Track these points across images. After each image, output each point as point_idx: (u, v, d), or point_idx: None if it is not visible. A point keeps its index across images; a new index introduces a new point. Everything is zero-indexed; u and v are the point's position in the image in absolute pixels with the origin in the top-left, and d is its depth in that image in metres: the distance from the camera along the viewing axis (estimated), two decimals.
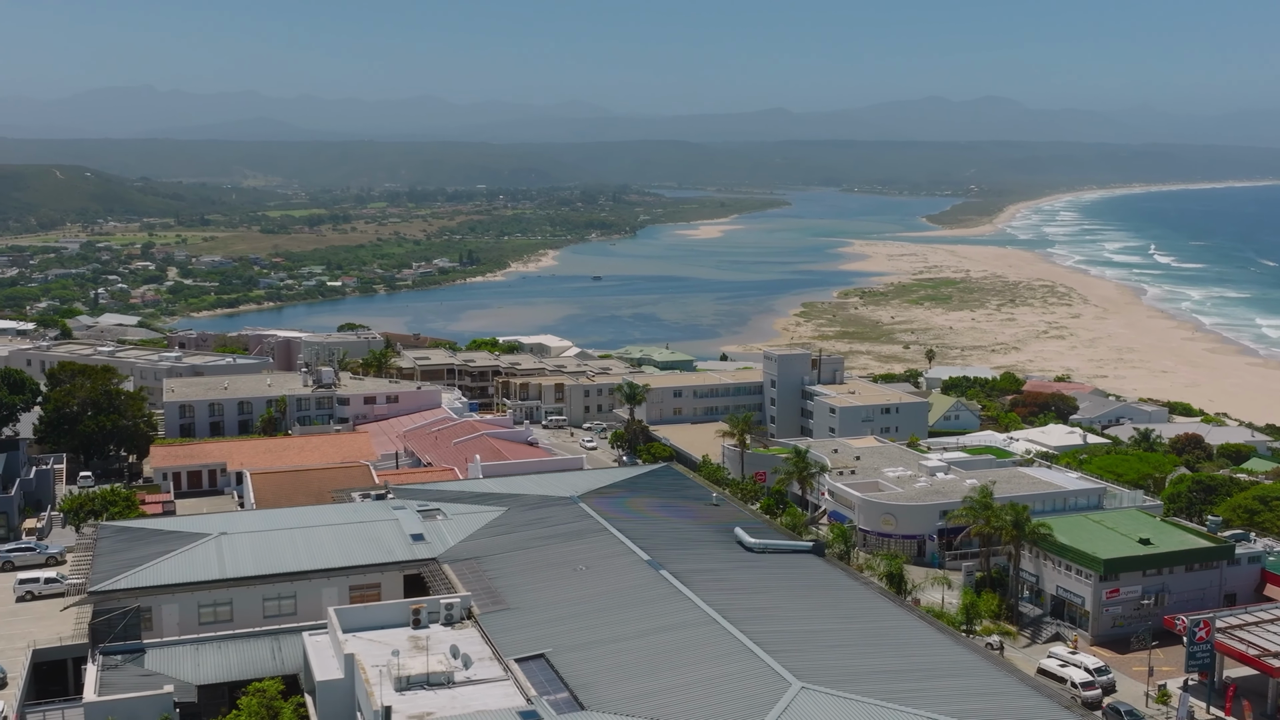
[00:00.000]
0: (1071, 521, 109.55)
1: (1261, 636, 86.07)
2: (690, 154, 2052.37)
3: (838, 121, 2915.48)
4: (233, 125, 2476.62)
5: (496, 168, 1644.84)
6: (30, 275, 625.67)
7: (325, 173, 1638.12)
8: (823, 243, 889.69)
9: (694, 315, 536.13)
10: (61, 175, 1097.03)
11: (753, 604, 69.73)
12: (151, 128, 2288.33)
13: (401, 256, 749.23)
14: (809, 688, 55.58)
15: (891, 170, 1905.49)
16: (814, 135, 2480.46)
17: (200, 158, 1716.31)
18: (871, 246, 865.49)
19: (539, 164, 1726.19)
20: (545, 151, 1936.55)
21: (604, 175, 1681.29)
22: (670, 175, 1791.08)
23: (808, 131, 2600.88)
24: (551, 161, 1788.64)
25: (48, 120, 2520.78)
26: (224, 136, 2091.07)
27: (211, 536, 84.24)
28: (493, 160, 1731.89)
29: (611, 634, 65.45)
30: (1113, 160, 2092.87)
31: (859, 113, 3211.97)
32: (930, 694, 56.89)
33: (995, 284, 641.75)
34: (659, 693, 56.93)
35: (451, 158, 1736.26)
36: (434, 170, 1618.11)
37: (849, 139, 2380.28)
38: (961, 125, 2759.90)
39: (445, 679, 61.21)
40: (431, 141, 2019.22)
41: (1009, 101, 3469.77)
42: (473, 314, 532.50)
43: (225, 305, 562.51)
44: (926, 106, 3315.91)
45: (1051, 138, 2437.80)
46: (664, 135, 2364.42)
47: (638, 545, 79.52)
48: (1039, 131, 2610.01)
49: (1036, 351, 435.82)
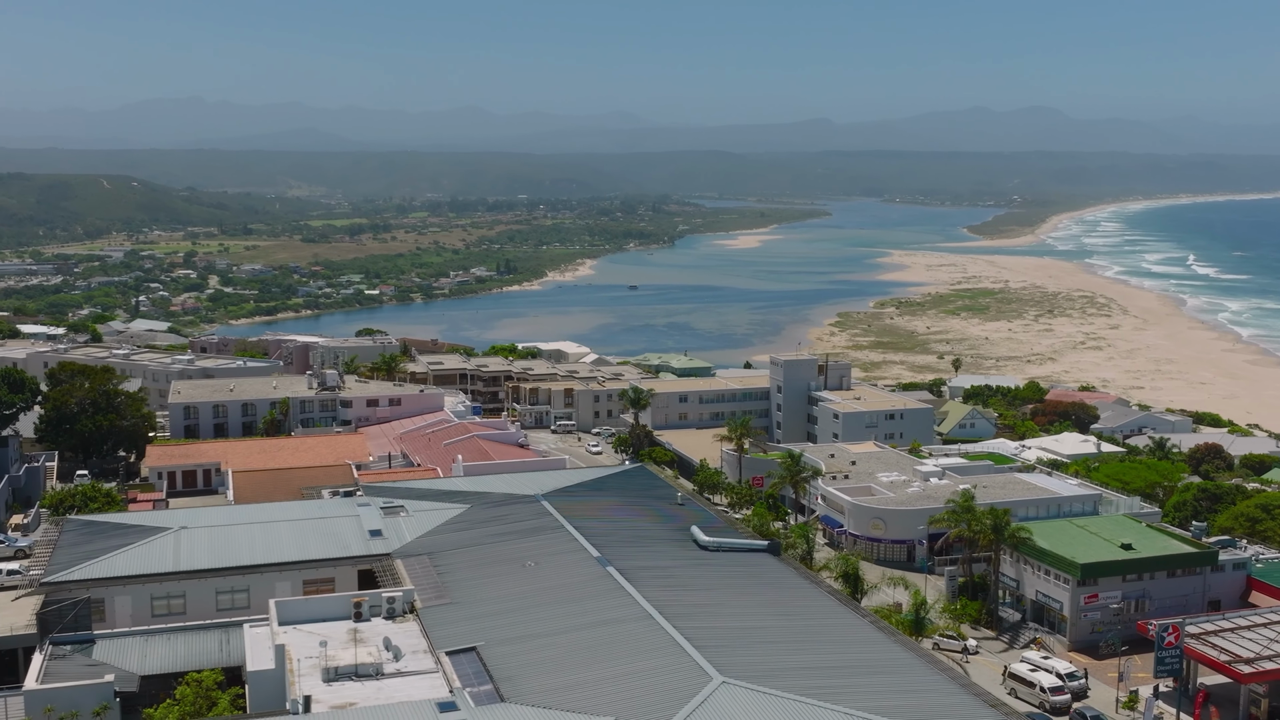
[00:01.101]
0: (1055, 526, 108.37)
1: (1234, 642, 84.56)
2: (731, 164, 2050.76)
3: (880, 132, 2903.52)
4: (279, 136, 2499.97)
5: (538, 178, 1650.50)
6: (74, 283, 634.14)
7: (368, 183, 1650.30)
8: (861, 253, 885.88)
9: (728, 325, 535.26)
10: (109, 185, 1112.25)
11: (693, 600, 69.79)
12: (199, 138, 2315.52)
13: (440, 265, 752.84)
14: (729, 682, 55.61)
15: (934, 181, 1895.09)
16: (856, 146, 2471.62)
17: (246, 168, 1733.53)
18: (910, 257, 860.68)
19: (580, 174, 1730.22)
20: (586, 162, 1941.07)
21: (645, 185, 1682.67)
22: (711, 186, 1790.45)
23: (850, 142, 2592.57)
24: (592, 172, 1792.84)
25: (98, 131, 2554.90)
26: (270, 147, 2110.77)
27: (171, 531, 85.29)
28: (534, 170, 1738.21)
29: (546, 628, 65.75)
30: (1159, 170, 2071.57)
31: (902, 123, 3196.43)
32: (853, 690, 56.73)
33: (1034, 294, 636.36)
34: (580, 686, 57.15)
35: (493, 168, 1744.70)
36: (475, 180, 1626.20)
37: (892, 149, 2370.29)
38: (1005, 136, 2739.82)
39: (374, 670, 61.77)
40: (474, 152, 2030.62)
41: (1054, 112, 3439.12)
42: (507, 322, 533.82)
43: (264, 313, 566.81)
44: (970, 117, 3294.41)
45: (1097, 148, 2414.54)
46: (706, 146, 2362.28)
47: (590, 542, 79.80)
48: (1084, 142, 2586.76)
49: (1073, 362, 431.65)
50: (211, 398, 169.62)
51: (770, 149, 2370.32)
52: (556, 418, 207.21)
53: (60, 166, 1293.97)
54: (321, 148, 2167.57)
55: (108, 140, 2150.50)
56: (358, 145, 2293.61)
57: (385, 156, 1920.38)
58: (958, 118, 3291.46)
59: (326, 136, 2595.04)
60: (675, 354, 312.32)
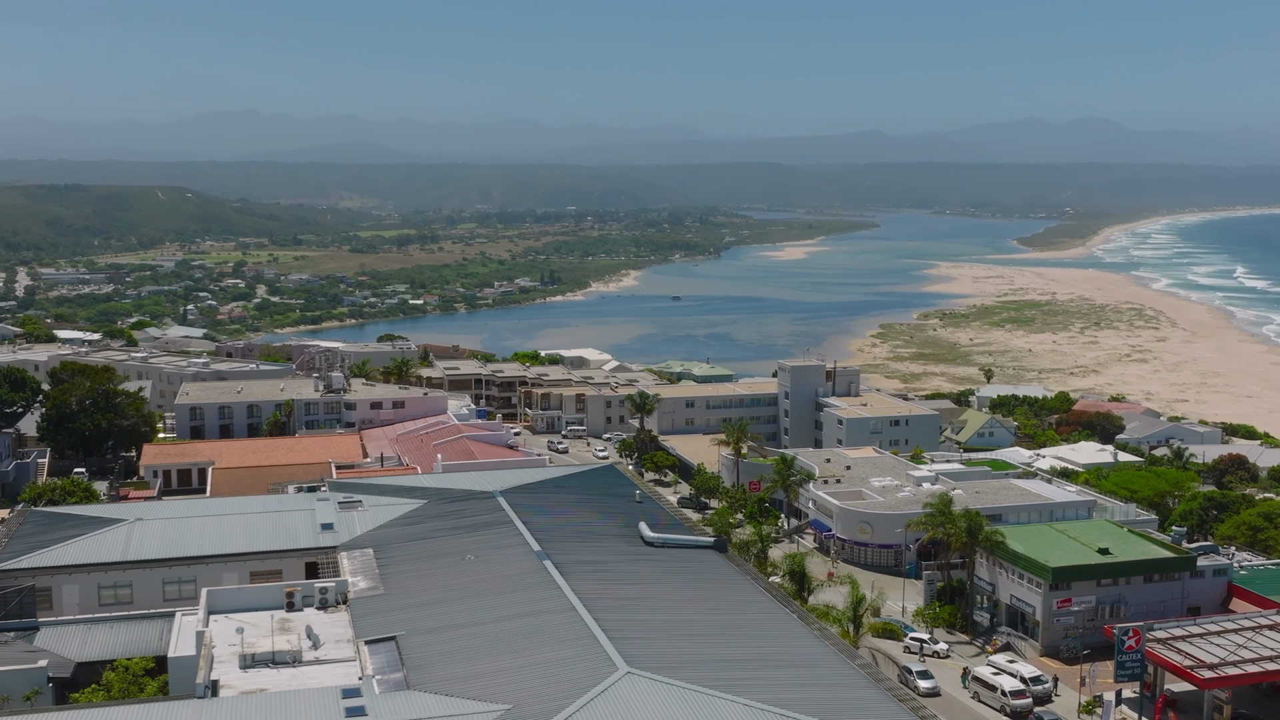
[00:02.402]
0: (1033, 530, 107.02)
1: (1201, 648, 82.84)
2: (781, 176, 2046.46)
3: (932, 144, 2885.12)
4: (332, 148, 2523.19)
5: (587, 189, 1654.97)
6: (124, 292, 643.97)
7: (419, 194, 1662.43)
8: (908, 265, 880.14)
9: (769, 335, 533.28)
10: (163, 196, 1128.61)
11: (621, 594, 69.94)
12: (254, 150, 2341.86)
13: (485, 276, 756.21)
14: (634, 673, 55.61)
15: (985, 193, 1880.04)
16: (908, 158, 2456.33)
17: (299, 179, 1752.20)
18: (957, 269, 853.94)
19: (629, 186, 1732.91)
20: (636, 173, 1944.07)
21: (693, 197, 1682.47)
22: (760, 197, 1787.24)
23: (901, 154, 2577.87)
24: (641, 183, 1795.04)
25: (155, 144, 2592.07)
26: (323, 159, 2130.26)
27: (126, 522, 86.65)
28: (583, 182, 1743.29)
29: (469, 619, 66.09)
30: (1216, 183, 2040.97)
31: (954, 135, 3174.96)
32: (760, 683, 56.56)
33: (1081, 306, 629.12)
34: (487, 675, 57.43)
35: (542, 180, 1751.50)
36: (525, 192, 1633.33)
37: (943, 161, 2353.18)
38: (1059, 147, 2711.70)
39: (291, 658, 62.45)
40: (524, 164, 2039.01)
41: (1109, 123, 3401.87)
42: (549, 332, 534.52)
43: (309, 322, 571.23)
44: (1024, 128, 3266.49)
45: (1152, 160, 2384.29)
46: (756, 157, 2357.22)
47: (535, 537, 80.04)
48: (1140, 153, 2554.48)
49: (1116, 375, 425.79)
50: (218, 399, 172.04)
51: (821, 161, 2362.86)
52: (568, 423, 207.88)
53: (117, 178, 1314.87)
54: (374, 159, 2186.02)
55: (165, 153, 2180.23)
56: (410, 157, 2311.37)
57: (437, 168, 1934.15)
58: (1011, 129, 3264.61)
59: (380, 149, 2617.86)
60: (697, 362, 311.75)
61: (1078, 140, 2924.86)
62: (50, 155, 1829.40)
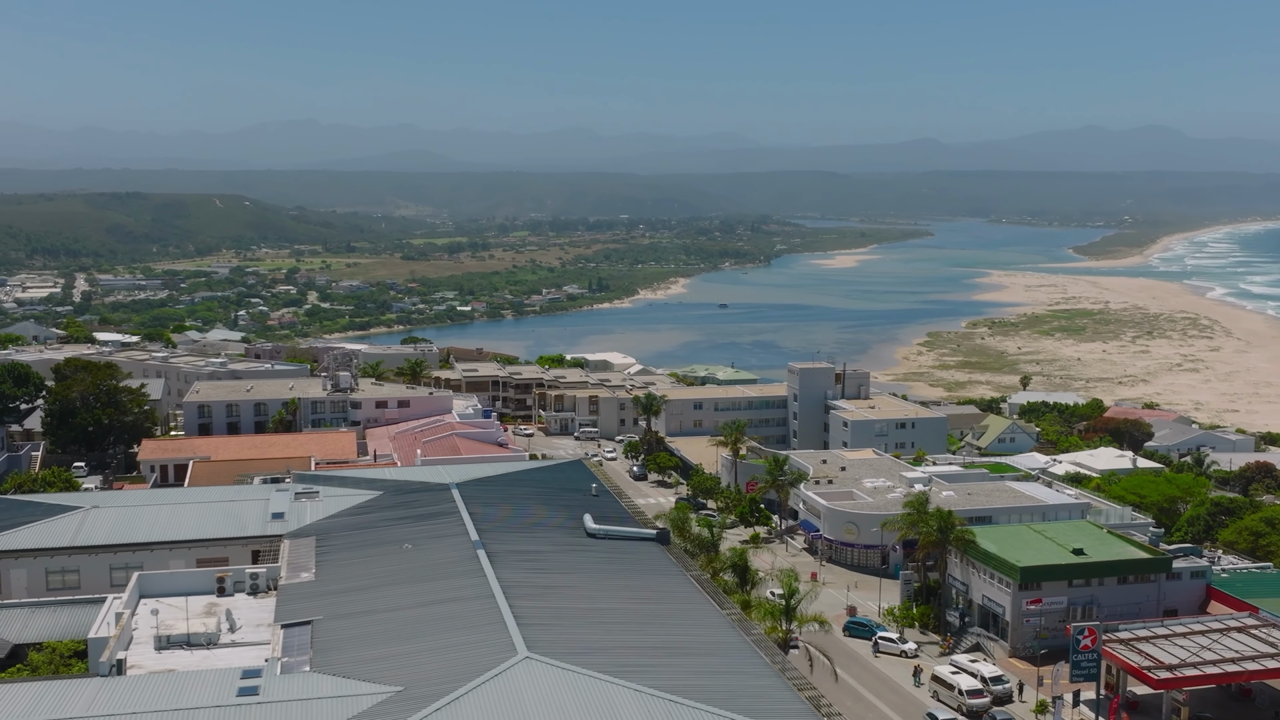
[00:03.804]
0: (1009, 530, 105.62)
1: (1163, 649, 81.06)
2: (836, 184, 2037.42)
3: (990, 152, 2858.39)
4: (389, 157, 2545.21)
5: (640, 198, 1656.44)
6: (178, 297, 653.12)
7: (474, 203, 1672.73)
8: (960, 273, 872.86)
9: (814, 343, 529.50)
10: (221, 204, 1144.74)
11: (545, 582, 70.08)
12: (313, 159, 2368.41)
13: (534, 283, 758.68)
14: (533, 658, 55.83)
15: (1043, 201, 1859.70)
16: (964, 166, 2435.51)
17: (356, 188, 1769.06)
18: (1010, 277, 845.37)
19: (682, 194, 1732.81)
20: (689, 182, 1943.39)
21: (746, 205, 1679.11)
22: (814, 206, 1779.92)
23: (958, 162, 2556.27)
24: (695, 192, 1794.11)
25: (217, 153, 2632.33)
26: (380, 168, 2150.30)
27: (81, 509, 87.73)
28: (636, 190, 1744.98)
29: (388, 605, 66.54)
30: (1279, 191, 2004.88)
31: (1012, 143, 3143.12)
32: (659, 669, 56.50)
33: (1134, 316, 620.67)
34: (390, 658, 57.86)
35: (596, 188, 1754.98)
36: (578, 200, 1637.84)
37: (1000, 169, 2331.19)
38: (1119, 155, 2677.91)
39: (207, 640, 63.58)
40: (578, 172, 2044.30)
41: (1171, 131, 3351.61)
42: (594, 338, 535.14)
43: (357, 327, 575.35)
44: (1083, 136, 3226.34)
45: (1214, 168, 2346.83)
46: (811, 166, 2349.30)
47: (476, 527, 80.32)
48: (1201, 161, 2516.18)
49: (1166, 384, 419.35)
50: (227, 397, 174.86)
51: (876, 169, 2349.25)
52: (581, 424, 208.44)
53: (178, 187, 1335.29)
54: (431, 168, 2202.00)
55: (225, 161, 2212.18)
56: (466, 166, 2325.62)
57: (492, 177, 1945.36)
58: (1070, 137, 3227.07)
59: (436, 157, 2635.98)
60: (722, 366, 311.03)
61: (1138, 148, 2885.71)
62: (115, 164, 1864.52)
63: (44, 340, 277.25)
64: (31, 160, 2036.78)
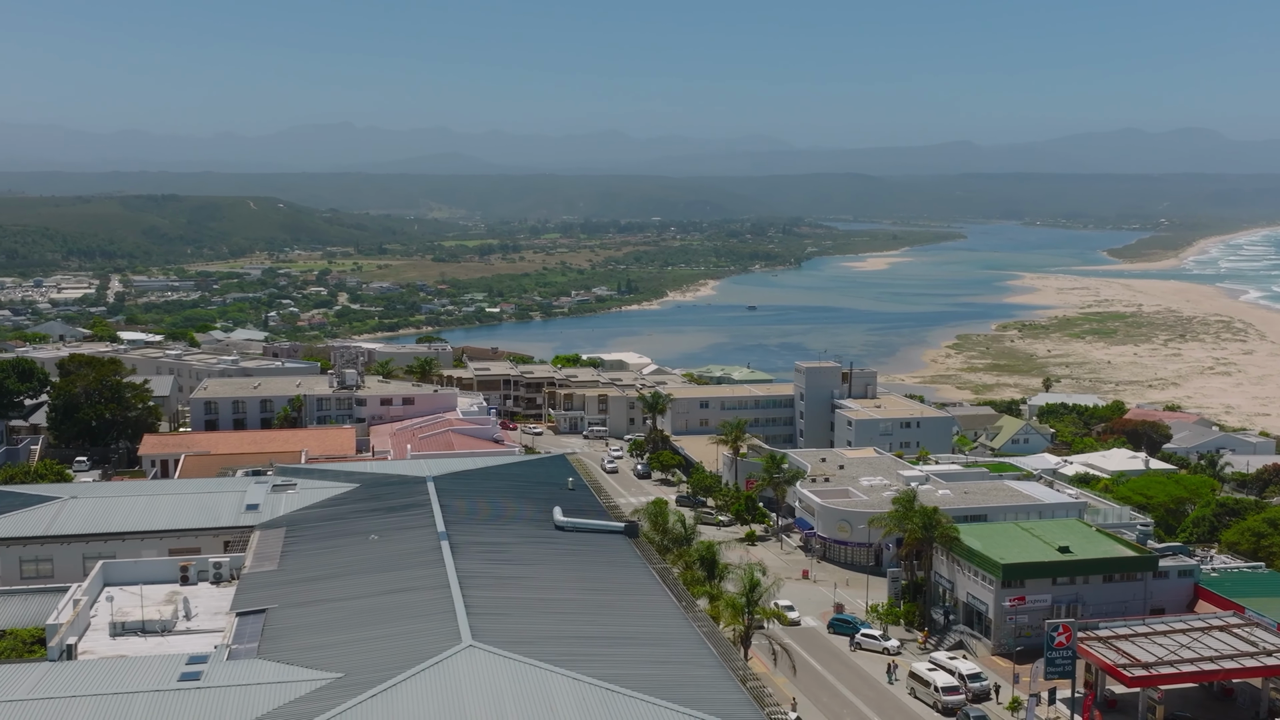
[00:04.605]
0: (995, 528, 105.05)
1: (1142, 647, 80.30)
2: (868, 187, 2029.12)
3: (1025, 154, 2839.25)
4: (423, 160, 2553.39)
5: (672, 200, 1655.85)
6: (210, 299, 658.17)
7: (506, 205, 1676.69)
8: (991, 275, 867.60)
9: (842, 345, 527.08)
10: (254, 206, 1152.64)
11: (504, 572, 70.34)
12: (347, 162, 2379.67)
13: (563, 285, 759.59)
14: (476, 646, 56.15)
15: (1078, 203, 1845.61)
16: (999, 168, 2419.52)
17: (389, 190, 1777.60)
18: (1042, 280, 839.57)
19: (714, 197, 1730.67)
20: (721, 184, 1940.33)
21: (779, 208, 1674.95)
22: (846, 208, 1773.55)
23: (992, 164, 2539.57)
24: (726, 194, 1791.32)
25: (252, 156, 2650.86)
26: (414, 170, 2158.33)
27: (59, 499, 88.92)
28: (668, 193, 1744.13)
29: (344, 594, 67.04)
30: None
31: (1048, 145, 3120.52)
32: (601, 659, 56.75)
33: (1167, 319, 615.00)
34: (335, 645, 58.34)
35: (629, 191, 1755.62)
36: (610, 203, 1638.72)
37: (1036, 171, 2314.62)
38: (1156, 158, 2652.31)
39: (161, 628, 64.62)
40: (611, 175, 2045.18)
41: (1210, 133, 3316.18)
42: (621, 340, 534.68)
43: (386, 329, 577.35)
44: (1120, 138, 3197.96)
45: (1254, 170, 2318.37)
46: (844, 168, 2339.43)
47: (445, 518, 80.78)
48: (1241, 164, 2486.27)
49: (1197, 388, 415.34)
50: (234, 394, 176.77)
51: (910, 171, 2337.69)
52: (590, 423, 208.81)
53: (214, 189, 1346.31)
54: (464, 171, 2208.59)
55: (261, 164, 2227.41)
56: (499, 169, 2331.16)
57: (524, 179, 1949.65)
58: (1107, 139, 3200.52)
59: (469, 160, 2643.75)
60: (738, 366, 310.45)
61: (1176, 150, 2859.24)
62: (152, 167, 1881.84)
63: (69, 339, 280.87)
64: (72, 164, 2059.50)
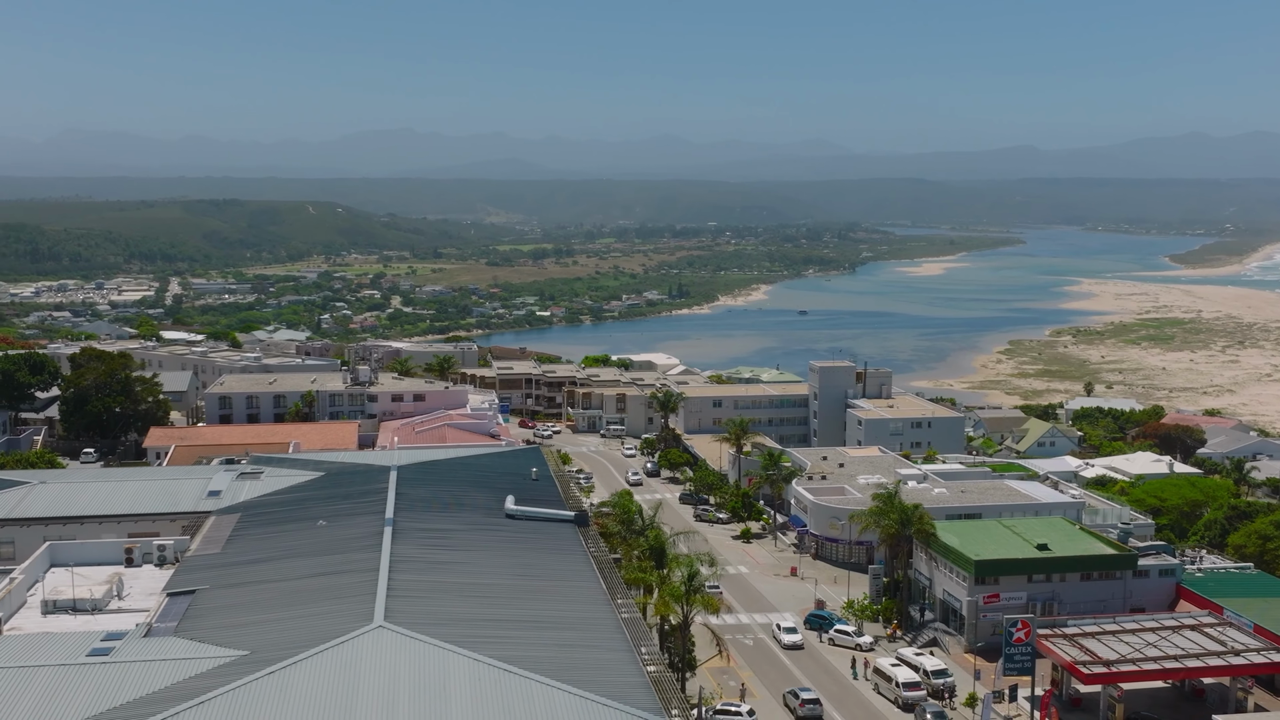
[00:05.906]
0: (975, 525, 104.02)
1: (1107, 645, 78.90)
2: (927, 192, 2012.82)
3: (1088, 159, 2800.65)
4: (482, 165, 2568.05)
5: (729, 205, 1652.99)
6: (266, 301, 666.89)
7: (563, 210, 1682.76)
8: (1048, 281, 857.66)
9: (892, 350, 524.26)
10: (313, 210, 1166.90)
11: (437, 558, 71.17)
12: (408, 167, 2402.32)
13: (614, 289, 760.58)
14: (386, 627, 56.89)
15: (1141, 209, 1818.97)
16: (1061, 173, 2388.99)
17: (447, 195, 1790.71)
18: (1100, 285, 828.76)
19: (771, 201, 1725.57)
20: (779, 189, 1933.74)
21: (836, 213, 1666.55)
22: (904, 213, 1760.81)
23: (1054, 169, 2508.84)
24: (784, 199, 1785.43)
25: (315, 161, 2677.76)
26: (472, 175, 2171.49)
27: (28, 484, 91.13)
28: (725, 198, 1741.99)
29: (274, 576, 68.50)
30: None
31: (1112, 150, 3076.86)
32: (510, 642, 57.22)
33: (1226, 325, 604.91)
34: (250, 625, 59.75)
35: (686, 196, 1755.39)
36: (667, 207, 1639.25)
37: (1098, 176, 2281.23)
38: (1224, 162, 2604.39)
39: (91, 606, 66.37)
40: (668, 180, 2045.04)
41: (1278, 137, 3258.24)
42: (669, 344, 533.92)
43: (437, 331, 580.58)
44: (1186, 143, 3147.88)
45: None
46: (903, 173, 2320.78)
47: (396, 506, 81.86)
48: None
49: (1253, 395, 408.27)
50: (249, 389, 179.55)
51: (970, 176, 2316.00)
52: (608, 422, 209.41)
53: (275, 194, 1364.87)
54: (521, 176, 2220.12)
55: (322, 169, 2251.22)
56: (556, 174, 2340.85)
57: (581, 184, 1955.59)
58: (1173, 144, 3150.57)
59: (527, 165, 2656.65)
60: (767, 368, 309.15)
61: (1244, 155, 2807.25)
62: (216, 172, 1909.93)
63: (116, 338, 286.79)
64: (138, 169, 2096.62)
